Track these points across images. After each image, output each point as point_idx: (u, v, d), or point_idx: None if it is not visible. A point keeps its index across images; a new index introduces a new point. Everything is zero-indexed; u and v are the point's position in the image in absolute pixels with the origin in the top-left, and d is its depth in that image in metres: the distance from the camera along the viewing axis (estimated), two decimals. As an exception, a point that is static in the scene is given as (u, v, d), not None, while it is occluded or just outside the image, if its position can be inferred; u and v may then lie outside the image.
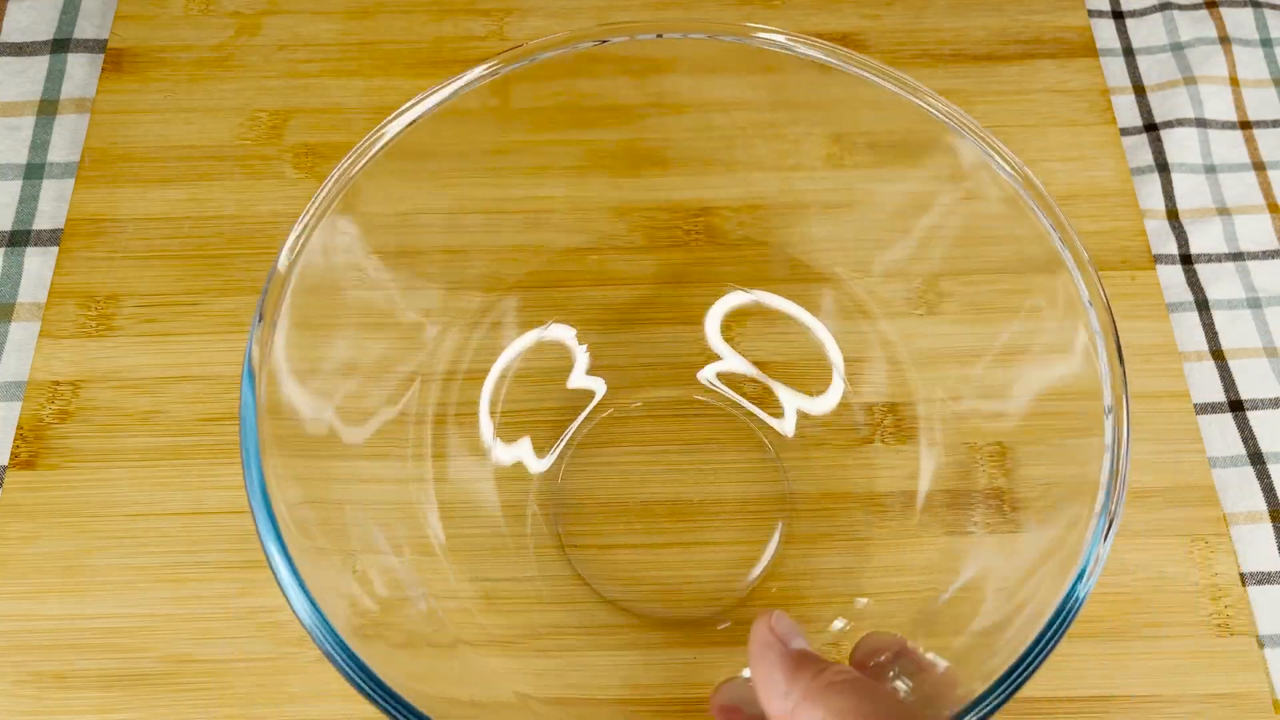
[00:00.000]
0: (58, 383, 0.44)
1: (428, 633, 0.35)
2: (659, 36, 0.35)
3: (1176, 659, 0.39)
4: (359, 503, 0.36)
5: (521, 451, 0.42)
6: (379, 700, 0.28)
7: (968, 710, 0.28)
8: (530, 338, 0.42)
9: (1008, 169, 0.34)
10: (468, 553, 0.38)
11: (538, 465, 0.42)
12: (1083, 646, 0.39)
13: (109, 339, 0.45)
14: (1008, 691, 0.28)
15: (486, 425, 0.41)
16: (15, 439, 0.43)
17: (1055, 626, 0.29)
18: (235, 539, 0.41)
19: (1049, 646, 0.29)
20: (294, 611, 0.28)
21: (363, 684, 0.28)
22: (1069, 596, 0.29)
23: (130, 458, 0.42)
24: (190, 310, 0.45)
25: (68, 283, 0.46)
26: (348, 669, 0.28)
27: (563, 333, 0.43)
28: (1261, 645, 0.40)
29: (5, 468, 0.42)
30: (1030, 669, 0.29)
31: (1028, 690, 0.38)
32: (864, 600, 0.38)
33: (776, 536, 0.41)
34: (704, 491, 0.41)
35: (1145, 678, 0.39)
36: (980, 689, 0.28)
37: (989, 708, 0.28)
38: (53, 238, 0.47)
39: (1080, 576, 0.29)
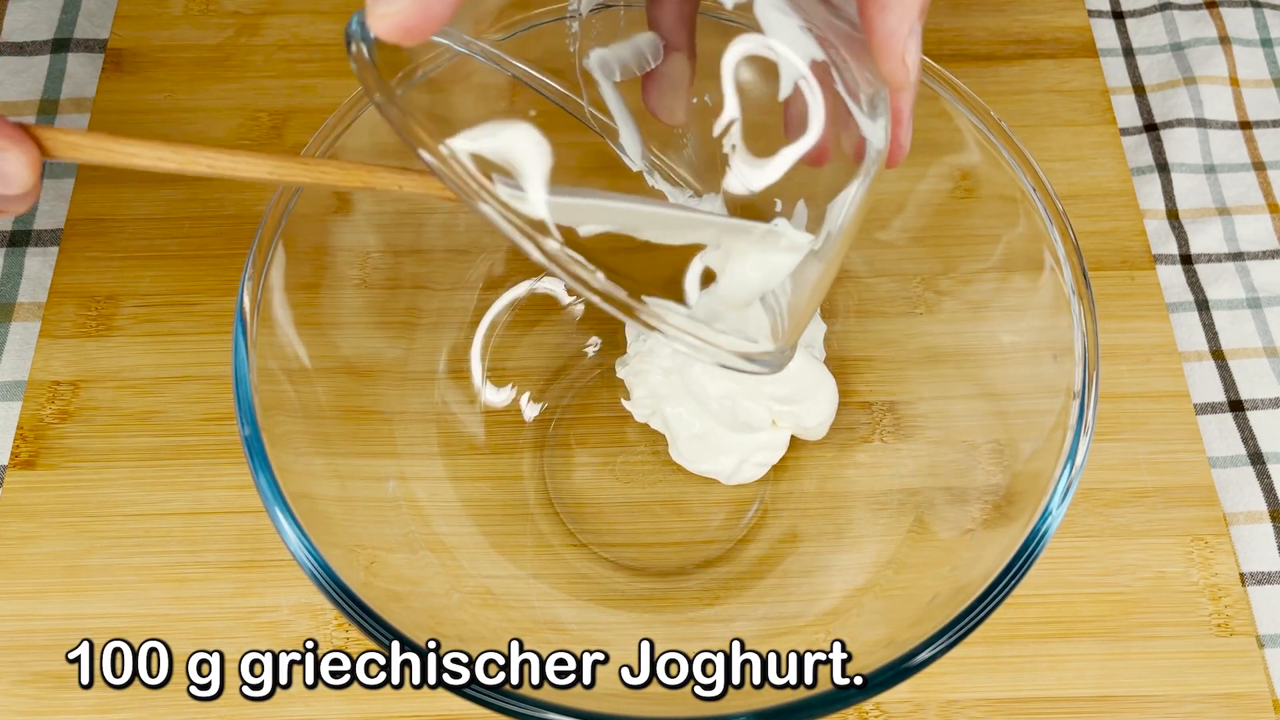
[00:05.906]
0: (58, 383, 0.44)
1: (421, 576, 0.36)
2: None
3: (1176, 659, 0.39)
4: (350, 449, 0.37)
5: (511, 398, 0.43)
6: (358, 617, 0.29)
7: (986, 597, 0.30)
8: (523, 288, 0.43)
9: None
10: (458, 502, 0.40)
11: (529, 412, 0.43)
12: (1082, 646, 0.39)
13: (109, 339, 0.45)
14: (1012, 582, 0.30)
15: (477, 371, 0.42)
16: (15, 439, 0.43)
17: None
18: (235, 539, 0.41)
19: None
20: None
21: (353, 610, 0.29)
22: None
23: (130, 458, 0.42)
24: (190, 310, 0.45)
25: (67, 283, 0.46)
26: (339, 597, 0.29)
27: (554, 285, 0.44)
28: (1261, 645, 0.40)
29: (5, 468, 0.42)
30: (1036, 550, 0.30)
31: (1028, 690, 0.39)
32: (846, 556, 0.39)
33: (762, 490, 0.41)
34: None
35: (1145, 678, 0.39)
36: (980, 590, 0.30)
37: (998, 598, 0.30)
38: (53, 238, 0.47)
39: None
